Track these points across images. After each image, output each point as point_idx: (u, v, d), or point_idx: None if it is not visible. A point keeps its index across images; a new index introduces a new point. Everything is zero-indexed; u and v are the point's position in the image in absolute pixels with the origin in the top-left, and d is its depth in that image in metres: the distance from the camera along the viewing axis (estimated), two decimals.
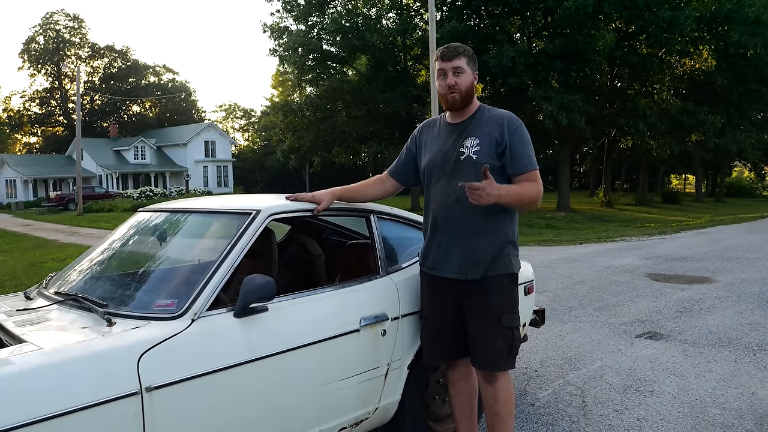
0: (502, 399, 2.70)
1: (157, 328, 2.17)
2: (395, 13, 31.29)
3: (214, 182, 52.85)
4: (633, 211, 30.28)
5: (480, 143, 2.64)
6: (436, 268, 2.75)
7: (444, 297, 2.75)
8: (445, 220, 2.70)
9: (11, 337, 2.19)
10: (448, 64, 2.67)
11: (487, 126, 2.67)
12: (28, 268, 10.48)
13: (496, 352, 2.65)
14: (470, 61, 2.70)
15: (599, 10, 23.00)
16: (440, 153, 2.74)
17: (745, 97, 31.83)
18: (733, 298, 6.99)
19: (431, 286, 2.80)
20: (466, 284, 2.66)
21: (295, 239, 3.91)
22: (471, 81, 2.70)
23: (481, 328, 2.66)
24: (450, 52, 2.68)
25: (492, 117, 2.70)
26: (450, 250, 2.68)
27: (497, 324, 2.63)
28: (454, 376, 2.88)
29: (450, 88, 2.67)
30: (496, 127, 2.64)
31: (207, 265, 2.50)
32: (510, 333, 2.66)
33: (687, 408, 3.72)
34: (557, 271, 9.07)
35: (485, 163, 2.56)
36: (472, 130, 2.69)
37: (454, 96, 2.68)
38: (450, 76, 2.67)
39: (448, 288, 2.71)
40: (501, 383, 2.70)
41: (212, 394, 2.19)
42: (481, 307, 2.65)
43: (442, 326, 2.77)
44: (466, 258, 2.64)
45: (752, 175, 66.65)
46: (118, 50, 65.05)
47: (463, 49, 2.69)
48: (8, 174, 47.29)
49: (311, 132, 31.17)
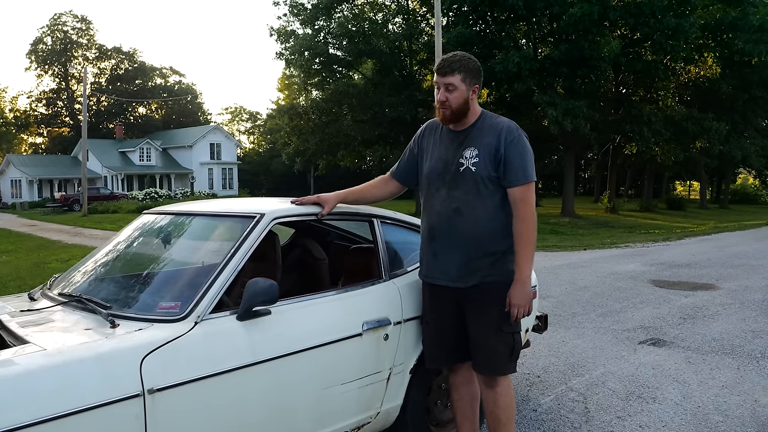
0: (502, 403, 2.71)
1: (160, 330, 2.19)
2: (401, 18, 31.37)
3: (219, 184, 52.95)
4: (637, 217, 30.23)
5: (479, 154, 2.62)
6: (433, 276, 2.76)
7: (444, 302, 2.75)
8: (443, 230, 2.69)
9: (15, 337, 2.21)
10: (441, 80, 2.64)
11: (487, 136, 2.64)
12: (32, 269, 10.51)
13: (496, 357, 2.66)
14: (467, 77, 2.63)
15: (605, 16, 23.03)
16: (441, 161, 2.73)
17: (749, 104, 31.80)
18: (737, 305, 6.97)
19: (431, 292, 2.81)
20: (465, 290, 2.66)
21: (299, 243, 3.91)
22: (464, 98, 2.64)
23: (481, 333, 2.66)
24: (444, 67, 2.63)
25: (492, 126, 2.66)
26: (447, 259, 2.68)
27: (497, 329, 2.64)
28: (456, 380, 2.89)
29: (441, 104, 2.66)
30: (495, 138, 2.62)
31: (211, 267, 2.51)
32: (510, 338, 2.66)
33: (689, 415, 3.71)
34: (561, 277, 9.06)
35: (483, 174, 2.60)
36: (473, 139, 2.67)
37: (444, 111, 2.67)
38: (441, 92, 2.65)
39: (447, 294, 2.72)
40: (502, 388, 2.71)
41: (215, 396, 2.19)
42: (481, 312, 2.66)
43: (443, 330, 2.77)
44: (463, 267, 2.65)
45: (757, 182, 66.39)
46: (126, 52, 65.37)
47: (459, 65, 2.62)
48: (13, 174, 47.48)
49: (317, 135, 31.21)
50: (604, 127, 27.13)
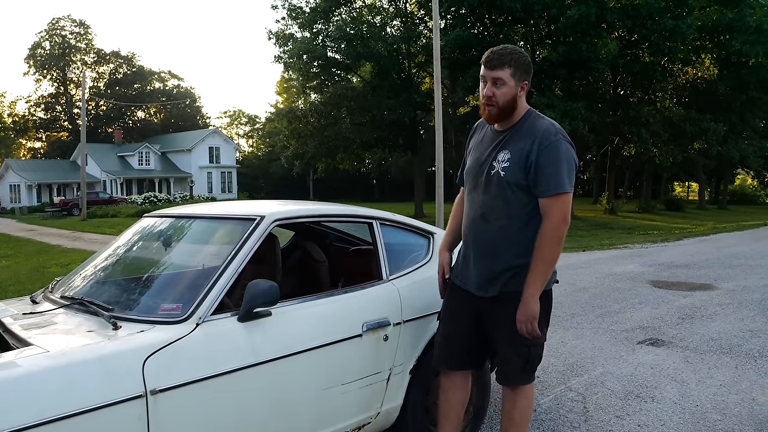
0: (520, 405, 2.66)
1: (162, 331, 2.20)
2: (400, 21, 31.45)
3: (218, 188, 52.98)
4: (636, 218, 30.25)
5: (510, 158, 2.46)
6: (459, 278, 2.72)
7: (463, 306, 2.70)
8: (471, 235, 2.65)
9: (18, 340, 2.22)
10: (489, 73, 2.44)
11: (523, 139, 2.46)
12: (31, 273, 10.52)
13: (509, 368, 2.61)
14: (517, 71, 2.44)
15: (602, 18, 23.13)
16: (477, 162, 2.63)
17: (747, 105, 31.91)
18: (735, 305, 6.99)
19: (454, 293, 2.74)
20: (485, 300, 2.60)
21: (299, 245, 3.93)
22: (513, 95, 2.45)
23: (497, 343, 2.64)
24: (494, 60, 2.43)
25: (531, 129, 2.48)
26: (472, 265, 2.64)
27: (512, 341, 2.53)
28: (446, 384, 2.82)
29: (487, 99, 2.47)
30: (529, 142, 2.43)
31: (212, 269, 2.53)
32: (526, 351, 2.54)
33: (688, 414, 3.73)
34: (560, 278, 9.05)
35: (511, 180, 2.45)
36: (509, 142, 2.50)
37: (490, 109, 2.49)
38: (488, 87, 2.46)
39: (468, 299, 2.66)
40: (522, 390, 2.66)
41: (216, 397, 2.21)
42: (497, 323, 2.60)
43: (457, 333, 2.72)
44: (484, 275, 2.58)
45: (755, 183, 66.53)
46: (124, 56, 65.41)
47: (510, 58, 2.43)
48: (12, 179, 47.45)
49: (315, 138, 31.25)
50: (603, 129, 27.20)
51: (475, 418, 3.28)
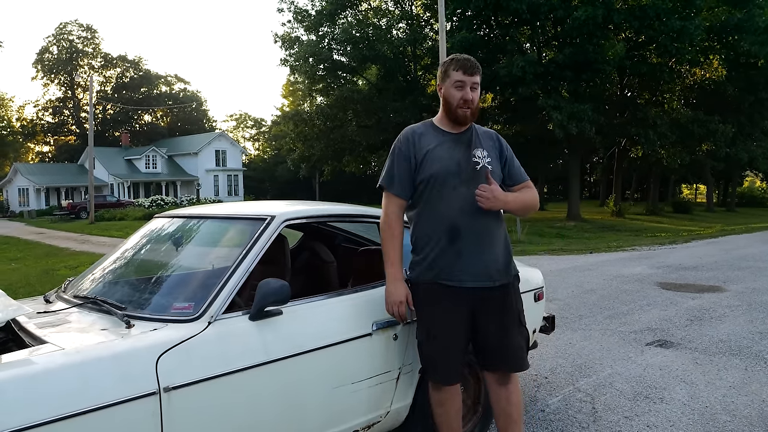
0: (515, 400, 2.73)
1: (174, 330, 2.23)
2: (405, 24, 31.53)
3: (225, 191, 53.11)
4: (644, 220, 30.17)
5: (489, 155, 2.72)
6: (455, 277, 2.60)
7: (459, 308, 2.62)
8: (469, 228, 2.60)
9: (33, 338, 2.25)
10: (469, 79, 2.65)
11: (486, 141, 2.78)
12: (41, 276, 10.58)
13: (520, 352, 2.72)
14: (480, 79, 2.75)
15: (609, 20, 23.08)
16: (453, 161, 2.64)
17: (756, 106, 31.64)
18: (744, 306, 6.97)
19: (446, 300, 2.61)
20: (491, 290, 2.62)
21: (307, 246, 3.95)
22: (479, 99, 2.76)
23: (505, 330, 2.66)
24: (473, 66, 2.66)
25: (486, 133, 2.84)
26: (476, 259, 2.60)
27: (519, 323, 2.73)
28: (443, 397, 2.73)
29: (466, 103, 2.65)
30: (494, 143, 2.81)
31: (223, 269, 2.55)
32: (527, 331, 2.83)
33: (697, 415, 3.72)
34: (567, 280, 9.07)
35: (497, 173, 2.73)
36: (478, 142, 2.74)
37: (466, 111, 2.67)
38: (468, 91, 2.65)
39: (467, 297, 2.61)
40: (513, 385, 2.73)
41: (228, 394, 2.23)
42: (503, 308, 2.66)
43: (455, 344, 2.65)
44: (493, 264, 2.63)
45: (764, 185, 66.14)
46: (131, 60, 65.79)
47: (479, 66, 2.71)
48: (21, 182, 47.76)
49: (321, 141, 31.35)
50: (610, 131, 27.13)
51: (484, 417, 3.29)
